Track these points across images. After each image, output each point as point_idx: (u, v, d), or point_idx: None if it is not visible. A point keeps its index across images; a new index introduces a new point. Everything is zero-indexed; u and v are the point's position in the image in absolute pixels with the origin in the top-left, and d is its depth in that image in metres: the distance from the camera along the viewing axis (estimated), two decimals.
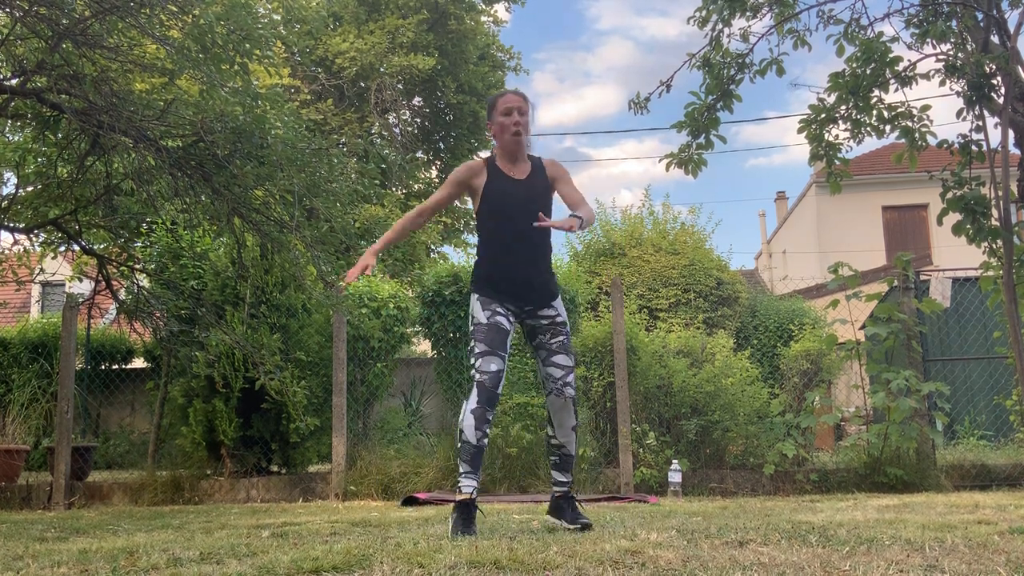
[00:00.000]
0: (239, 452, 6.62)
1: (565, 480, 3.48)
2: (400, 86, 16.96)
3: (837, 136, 4.71)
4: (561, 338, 3.47)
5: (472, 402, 3.28)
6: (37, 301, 21.33)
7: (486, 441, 3.28)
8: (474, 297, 3.45)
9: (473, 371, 3.34)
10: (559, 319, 3.49)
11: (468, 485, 3.24)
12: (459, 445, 3.29)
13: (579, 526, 3.32)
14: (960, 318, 8.61)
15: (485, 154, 4.32)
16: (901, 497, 5.18)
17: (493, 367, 3.29)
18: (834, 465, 6.35)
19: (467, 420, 3.26)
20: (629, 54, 65.01)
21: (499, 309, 3.39)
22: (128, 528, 4.22)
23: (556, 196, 3.61)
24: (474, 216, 3.62)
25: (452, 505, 3.31)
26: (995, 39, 4.23)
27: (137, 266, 6.44)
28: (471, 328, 3.41)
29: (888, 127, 4.58)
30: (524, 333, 3.57)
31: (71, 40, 4.88)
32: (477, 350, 3.33)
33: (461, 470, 3.27)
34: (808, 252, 21.55)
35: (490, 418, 3.28)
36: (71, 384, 6.68)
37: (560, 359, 3.45)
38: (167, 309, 6.31)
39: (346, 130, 15.58)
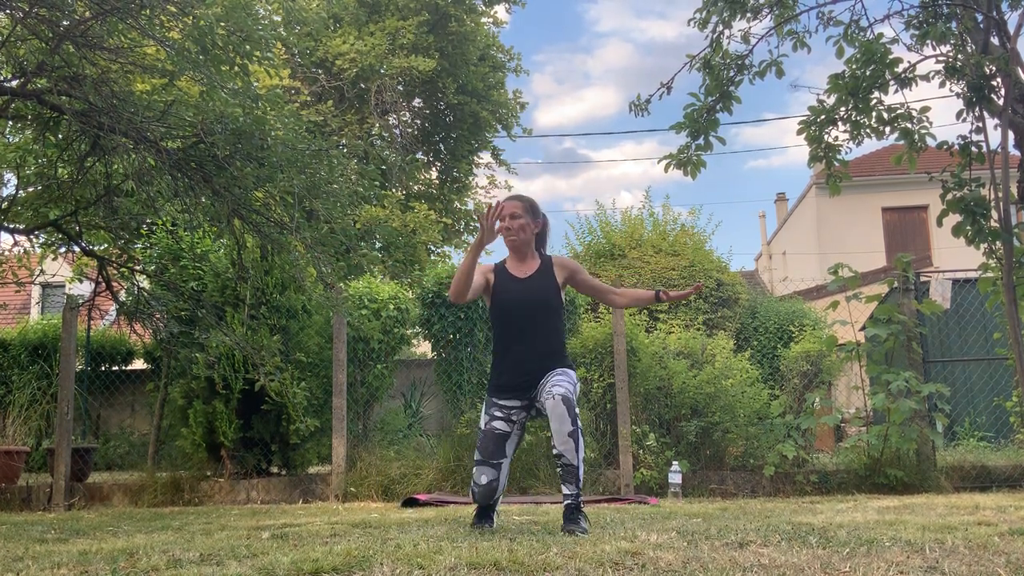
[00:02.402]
0: (239, 453, 6.62)
1: (568, 492, 3.39)
2: (400, 87, 16.95)
3: (836, 137, 4.70)
4: (559, 377, 3.51)
5: (471, 496, 3.62)
6: (37, 302, 21.34)
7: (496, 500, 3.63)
8: (485, 401, 3.69)
9: (473, 470, 3.61)
10: (560, 370, 3.57)
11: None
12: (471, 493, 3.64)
13: (566, 531, 3.30)
14: (960, 319, 8.61)
15: (484, 156, 4.57)
16: (901, 498, 5.18)
17: (484, 479, 3.52)
18: (834, 466, 6.35)
19: (472, 488, 3.61)
20: (628, 56, 65.05)
21: (498, 413, 3.58)
22: (128, 529, 4.22)
23: (571, 288, 3.91)
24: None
25: (455, 507, 3.45)
26: (995, 40, 4.23)
27: (137, 267, 6.44)
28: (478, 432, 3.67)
29: (888, 128, 4.57)
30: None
31: (71, 41, 4.88)
32: (475, 457, 3.60)
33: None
34: (808, 253, 21.55)
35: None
36: (71, 385, 6.68)
37: (552, 376, 3.53)
38: (167, 310, 6.30)
39: (346, 131, 15.58)
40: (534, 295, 3.60)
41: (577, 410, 3.39)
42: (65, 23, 4.95)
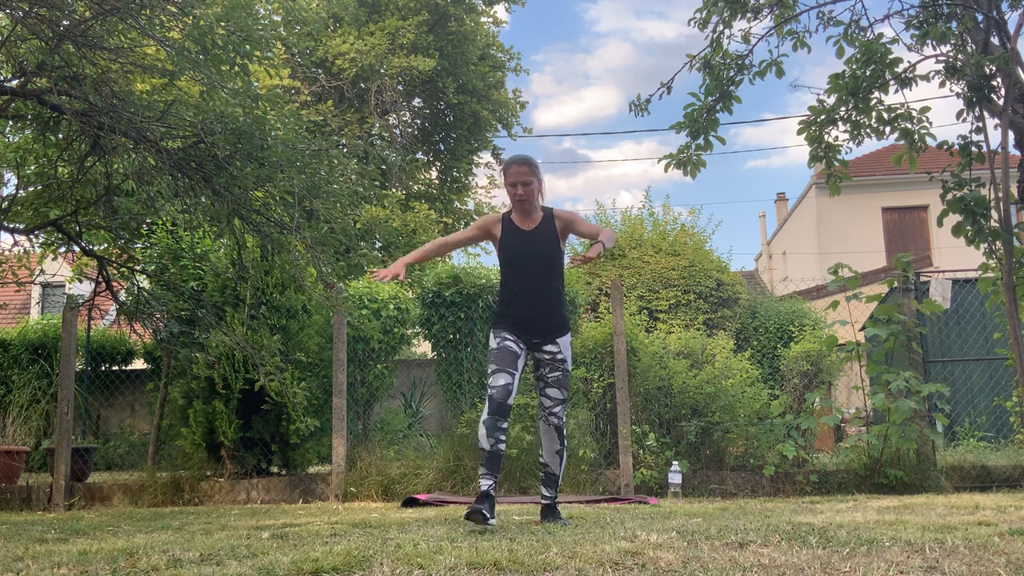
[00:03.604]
0: (239, 453, 6.62)
1: (548, 494, 3.96)
2: (400, 87, 16.95)
3: (837, 137, 4.71)
4: (558, 374, 3.92)
5: (484, 414, 3.75)
6: (37, 302, 21.33)
7: (501, 447, 3.73)
8: (491, 332, 3.96)
9: (487, 387, 3.81)
10: (559, 356, 3.93)
11: (485, 483, 3.71)
12: (479, 452, 3.79)
13: (550, 522, 3.81)
14: (960, 319, 8.60)
15: (488, 153, 4.81)
16: (901, 498, 5.18)
17: (501, 381, 3.75)
18: (834, 466, 6.35)
19: (480, 430, 3.74)
20: (628, 56, 65.05)
21: (508, 336, 3.87)
22: (128, 529, 4.22)
23: (573, 237, 4.23)
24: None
25: (455, 507, 3.50)
26: (995, 40, 4.23)
27: (137, 267, 6.44)
28: (487, 356, 3.96)
29: (888, 128, 4.58)
30: (532, 362, 4.02)
31: (72, 41, 4.88)
32: (489, 370, 3.83)
33: (480, 472, 3.77)
34: (808, 253, 21.55)
35: (502, 426, 3.72)
36: (71, 385, 6.68)
37: (552, 392, 3.92)
38: (167, 310, 6.30)
39: (346, 131, 15.58)
40: (538, 246, 3.96)
41: (566, 432, 3.98)
42: (65, 23, 4.95)
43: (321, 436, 6.77)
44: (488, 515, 3.59)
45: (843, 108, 4.57)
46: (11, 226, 6.19)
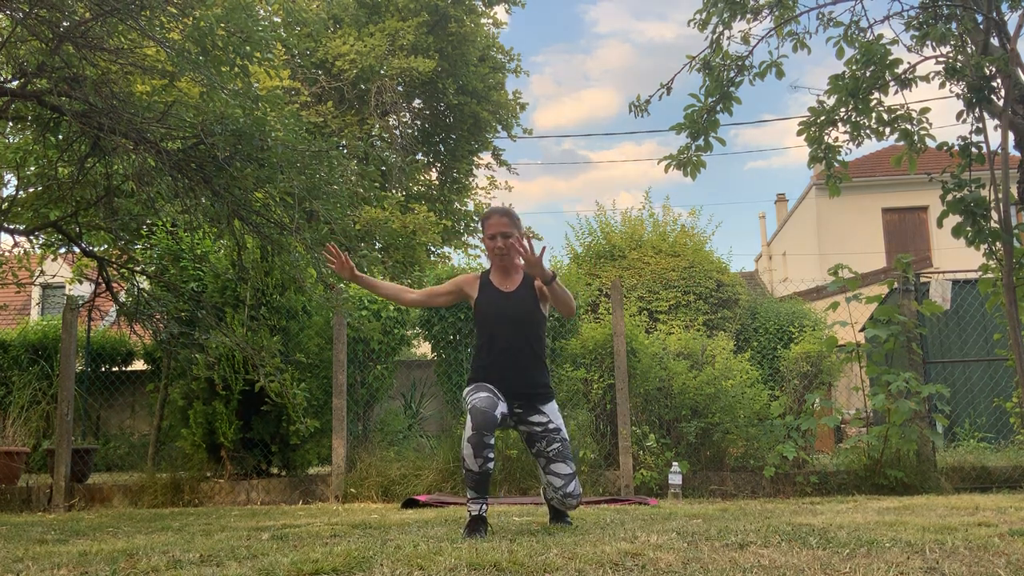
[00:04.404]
0: (239, 454, 6.62)
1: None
2: (400, 88, 16.96)
3: (836, 138, 4.71)
4: (557, 445, 3.58)
5: (468, 430, 3.36)
6: (37, 303, 21.34)
7: (490, 466, 3.34)
8: (465, 392, 3.61)
9: (468, 407, 3.45)
10: (552, 426, 3.60)
11: (475, 507, 3.37)
12: (464, 473, 3.38)
13: (557, 524, 3.65)
14: (960, 320, 8.61)
15: (488, 153, 4.59)
16: (901, 499, 5.18)
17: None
18: (834, 467, 6.35)
19: (465, 449, 3.34)
20: (627, 57, 65.08)
21: (487, 385, 3.55)
22: (128, 530, 4.22)
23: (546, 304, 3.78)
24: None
25: (455, 508, 3.40)
26: (995, 41, 4.23)
27: (137, 268, 6.44)
28: (465, 408, 3.52)
29: (888, 129, 4.57)
30: (522, 439, 3.71)
31: (72, 42, 4.88)
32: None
33: (468, 496, 3.40)
34: (808, 254, 21.55)
35: (489, 442, 3.32)
36: (71, 386, 6.68)
37: (558, 467, 3.56)
38: (167, 311, 6.30)
39: (346, 132, 15.58)
40: (520, 309, 3.66)
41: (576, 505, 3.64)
42: (65, 24, 4.95)
43: (321, 437, 6.77)
44: (484, 533, 3.33)
45: (843, 109, 4.57)
46: (11, 227, 6.19)
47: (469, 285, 3.79)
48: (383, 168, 15.72)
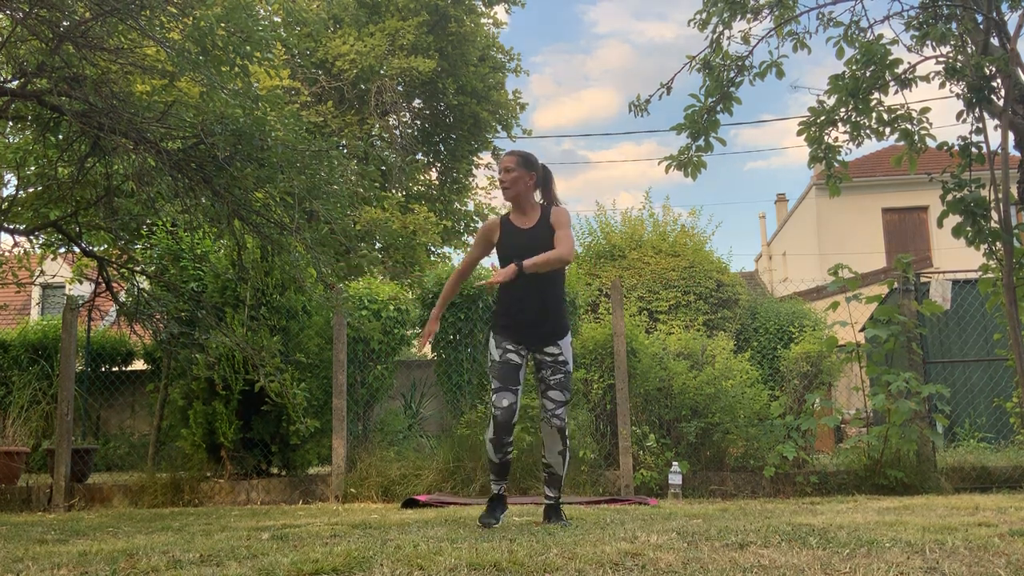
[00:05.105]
0: (239, 454, 6.61)
1: (551, 495, 4.02)
2: (400, 88, 16.95)
3: (837, 138, 4.70)
4: (560, 376, 3.91)
5: (490, 432, 3.86)
6: (37, 303, 21.33)
7: (509, 457, 3.91)
8: (490, 336, 3.98)
9: (491, 405, 3.89)
10: (561, 358, 3.93)
11: (496, 488, 3.97)
12: (487, 462, 4.07)
13: (551, 523, 3.89)
14: (960, 320, 8.60)
15: (489, 153, 4.88)
16: (901, 499, 5.18)
17: (504, 403, 3.80)
18: (834, 467, 6.35)
19: (487, 445, 3.90)
20: (627, 57, 65.09)
21: (510, 346, 3.88)
22: (128, 530, 4.22)
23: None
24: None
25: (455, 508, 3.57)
26: (995, 41, 4.23)
27: (137, 268, 6.43)
28: (488, 365, 3.98)
29: (888, 129, 4.57)
30: (533, 364, 4.02)
31: (72, 42, 4.88)
32: (492, 386, 3.88)
33: (491, 479, 4.01)
34: (808, 254, 21.55)
35: (508, 440, 3.86)
36: (71, 386, 6.68)
37: (554, 394, 3.91)
38: (167, 311, 6.30)
39: (346, 132, 15.57)
40: (536, 244, 3.86)
41: (568, 432, 3.95)
42: (65, 24, 4.94)
43: (321, 437, 6.76)
44: (499, 519, 3.86)
45: (843, 109, 4.57)
46: (11, 227, 6.19)
47: (491, 231, 4.04)
48: (383, 168, 15.71)
